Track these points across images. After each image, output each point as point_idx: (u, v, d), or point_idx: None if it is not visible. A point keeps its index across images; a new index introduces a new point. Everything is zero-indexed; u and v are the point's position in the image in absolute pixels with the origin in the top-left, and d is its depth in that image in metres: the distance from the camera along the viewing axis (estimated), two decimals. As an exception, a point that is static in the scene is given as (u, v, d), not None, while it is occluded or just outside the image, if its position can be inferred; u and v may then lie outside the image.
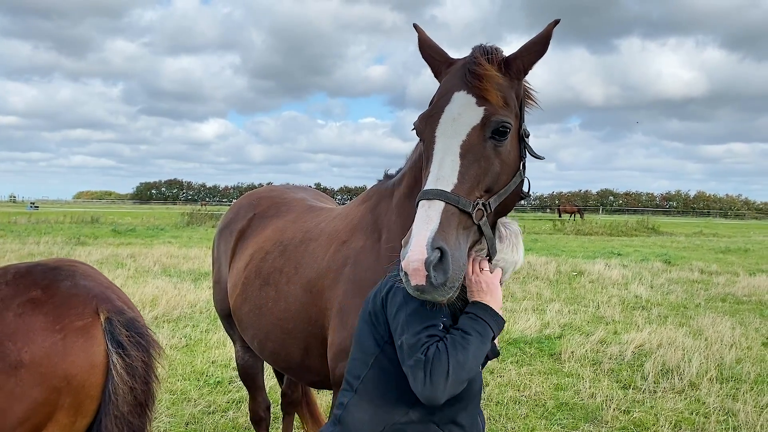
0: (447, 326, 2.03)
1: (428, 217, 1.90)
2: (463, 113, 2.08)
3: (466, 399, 2.11)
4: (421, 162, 2.59)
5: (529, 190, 2.31)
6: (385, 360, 2.12)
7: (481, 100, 2.08)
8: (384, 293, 2.16)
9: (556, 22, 2.22)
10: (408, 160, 2.82)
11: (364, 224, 2.86)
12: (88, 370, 2.32)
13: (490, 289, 2.08)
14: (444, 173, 2.01)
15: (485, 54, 2.15)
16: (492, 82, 2.09)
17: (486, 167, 2.07)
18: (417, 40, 2.37)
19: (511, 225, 2.28)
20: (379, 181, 3.03)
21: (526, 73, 2.24)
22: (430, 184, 2.00)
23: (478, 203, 2.02)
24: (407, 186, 2.69)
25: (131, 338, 2.42)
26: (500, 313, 2.09)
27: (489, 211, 2.07)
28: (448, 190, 1.97)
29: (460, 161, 2.03)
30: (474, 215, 2.00)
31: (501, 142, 2.10)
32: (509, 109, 2.13)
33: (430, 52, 2.35)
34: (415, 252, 1.83)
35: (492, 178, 2.09)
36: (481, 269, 2.11)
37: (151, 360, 2.50)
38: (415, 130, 2.24)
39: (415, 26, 2.40)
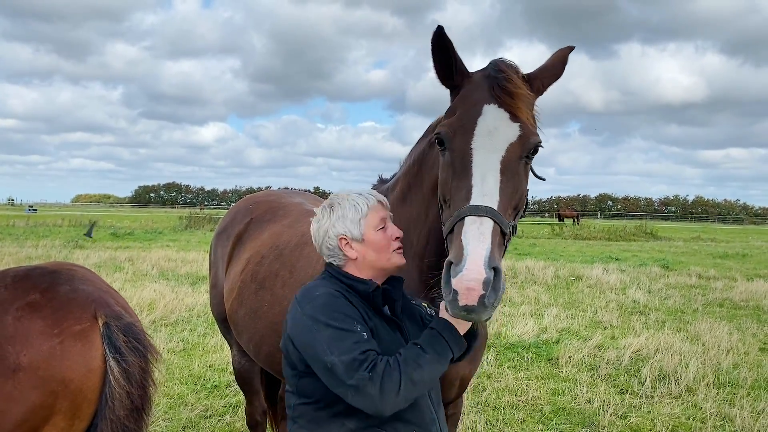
0: (366, 333, 1.98)
1: (482, 234, 1.85)
2: (499, 128, 2.03)
3: None
4: (414, 168, 2.59)
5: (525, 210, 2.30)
6: (303, 384, 2.11)
7: (514, 116, 2.04)
8: (288, 321, 2.13)
9: (571, 48, 2.26)
10: (402, 165, 2.82)
11: None
12: (85, 374, 2.32)
13: None
14: (488, 189, 1.95)
15: (512, 69, 2.11)
16: (524, 101, 2.06)
17: (517, 186, 2.06)
18: (437, 41, 2.13)
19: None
20: (374, 185, 3.03)
21: (541, 93, 2.24)
22: (477, 200, 1.93)
23: (511, 223, 1.99)
24: (401, 191, 2.68)
25: (129, 343, 2.42)
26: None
27: (514, 233, 2.04)
28: (495, 207, 1.93)
29: (500, 178, 1.99)
30: (507, 235, 1.97)
31: (530, 161, 2.10)
32: (536, 127, 2.12)
33: (453, 57, 2.15)
34: (473, 271, 1.77)
35: (519, 197, 2.08)
36: None
37: (147, 365, 2.49)
38: (438, 138, 2.12)
39: (441, 28, 2.15)
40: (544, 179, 2.24)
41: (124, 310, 2.55)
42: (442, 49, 2.13)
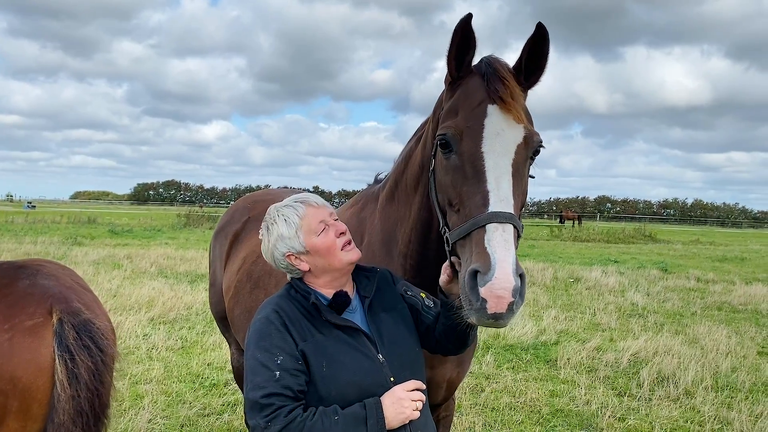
0: (286, 368, 1.93)
1: (506, 242, 1.83)
2: (506, 129, 2.00)
3: None
4: (402, 165, 2.58)
5: None
6: None
7: (517, 117, 2.02)
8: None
9: (545, 36, 2.12)
10: (394, 164, 2.79)
11: (350, 228, 2.86)
12: (35, 372, 2.18)
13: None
14: (504, 194, 1.93)
15: (506, 69, 2.08)
16: (520, 101, 2.05)
17: (524, 187, 2.06)
18: (462, 27, 2.04)
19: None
20: (369, 185, 3.04)
21: (531, 88, 2.19)
22: (496, 206, 1.89)
23: (522, 226, 1.97)
24: (389, 189, 2.68)
25: (79, 341, 2.25)
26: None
27: (521, 232, 2.01)
28: (513, 212, 1.90)
29: (513, 181, 1.98)
30: (521, 236, 1.96)
31: (533, 162, 2.09)
32: (533, 125, 2.10)
33: (472, 47, 2.10)
34: (504, 280, 1.75)
35: (524, 198, 2.08)
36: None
37: (99, 366, 2.29)
38: (443, 140, 2.06)
39: (470, 15, 2.08)
40: (533, 176, 2.20)
41: (87, 308, 2.38)
42: (464, 38, 2.07)
